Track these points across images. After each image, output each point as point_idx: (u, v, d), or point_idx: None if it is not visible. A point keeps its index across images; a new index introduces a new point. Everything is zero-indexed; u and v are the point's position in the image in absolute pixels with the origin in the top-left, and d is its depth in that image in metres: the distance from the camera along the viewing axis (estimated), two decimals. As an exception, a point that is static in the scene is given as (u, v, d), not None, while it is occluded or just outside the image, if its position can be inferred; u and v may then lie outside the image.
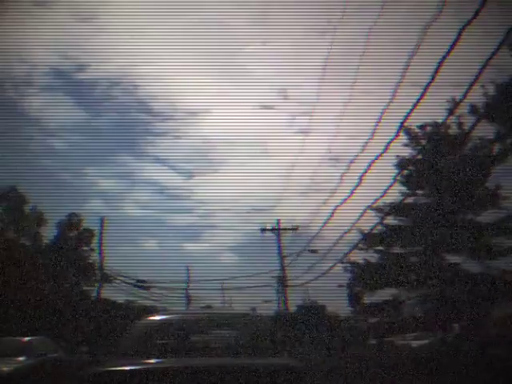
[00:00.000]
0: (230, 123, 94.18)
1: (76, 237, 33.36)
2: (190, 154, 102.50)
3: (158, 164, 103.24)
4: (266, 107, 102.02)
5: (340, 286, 26.99)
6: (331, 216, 19.61)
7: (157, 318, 5.63)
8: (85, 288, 32.80)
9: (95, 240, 33.45)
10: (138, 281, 31.91)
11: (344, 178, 16.77)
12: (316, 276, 28.76)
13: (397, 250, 22.44)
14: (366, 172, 13.77)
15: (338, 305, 47.01)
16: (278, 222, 32.54)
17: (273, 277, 38.16)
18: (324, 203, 22.58)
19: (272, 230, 32.44)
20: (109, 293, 36.42)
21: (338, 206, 18.47)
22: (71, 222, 33.11)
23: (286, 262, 33.61)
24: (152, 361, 4.01)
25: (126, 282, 31.13)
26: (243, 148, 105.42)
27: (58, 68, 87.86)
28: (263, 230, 32.32)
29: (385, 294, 23.39)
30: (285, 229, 32.27)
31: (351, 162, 15.48)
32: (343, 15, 15.31)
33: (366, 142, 13.49)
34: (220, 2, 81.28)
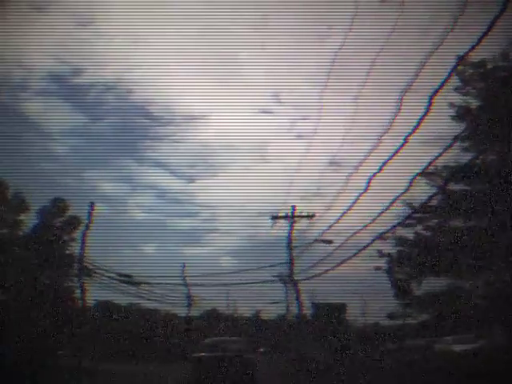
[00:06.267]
0: (232, 128, 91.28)
1: (61, 225, 29.26)
2: (191, 158, 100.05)
3: (159, 168, 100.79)
4: (266, 112, 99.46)
5: (377, 268, 22.85)
6: (362, 194, 16.65)
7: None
8: (70, 284, 28.74)
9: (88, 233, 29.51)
10: (123, 275, 27.89)
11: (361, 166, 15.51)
12: (331, 267, 25.45)
13: (457, 224, 18.12)
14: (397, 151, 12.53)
15: (352, 301, 43.61)
16: (294, 208, 28.57)
17: (277, 276, 35.08)
18: (340, 193, 19.14)
19: (285, 217, 28.48)
20: (98, 291, 33.14)
21: (366, 187, 15.98)
22: (56, 209, 28.93)
23: (293, 261, 30.21)
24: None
25: (109, 277, 27.13)
26: (245, 152, 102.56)
27: (58, 72, 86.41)
28: (274, 217, 28.39)
29: (435, 283, 19.16)
30: (299, 216, 28.30)
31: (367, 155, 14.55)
32: (354, 16, 13.43)
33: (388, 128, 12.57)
34: (218, 7, 78.97)
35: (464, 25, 9.42)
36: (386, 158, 13.37)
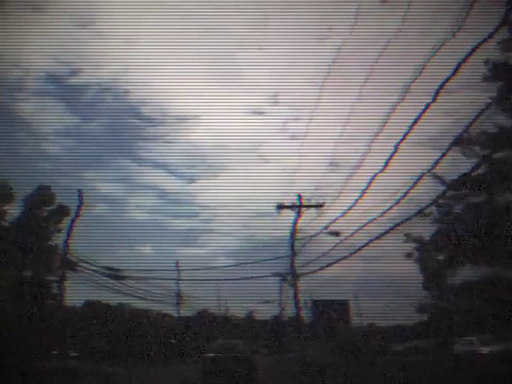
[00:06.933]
0: (230, 128, 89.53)
1: (48, 215, 26.96)
2: (189, 158, 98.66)
3: (157, 168, 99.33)
4: (265, 112, 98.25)
5: (408, 255, 20.99)
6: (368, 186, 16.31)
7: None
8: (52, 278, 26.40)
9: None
10: (110, 269, 25.66)
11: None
12: (334, 261, 24.30)
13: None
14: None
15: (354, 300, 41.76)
16: (300, 197, 26.43)
17: (277, 274, 33.35)
18: (351, 176, 17.60)
19: (291, 207, 26.41)
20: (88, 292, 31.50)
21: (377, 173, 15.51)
22: (41, 198, 26.59)
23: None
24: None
25: (94, 270, 24.85)
26: (244, 152, 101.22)
27: (54, 72, 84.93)
28: (280, 206, 26.29)
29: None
30: (307, 206, 26.20)
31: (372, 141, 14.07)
32: (353, 17, 13.08)
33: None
34: (214, 8, 77.43)
35: (466, 26, 9.26)
36: (389, 154, 13.10)
